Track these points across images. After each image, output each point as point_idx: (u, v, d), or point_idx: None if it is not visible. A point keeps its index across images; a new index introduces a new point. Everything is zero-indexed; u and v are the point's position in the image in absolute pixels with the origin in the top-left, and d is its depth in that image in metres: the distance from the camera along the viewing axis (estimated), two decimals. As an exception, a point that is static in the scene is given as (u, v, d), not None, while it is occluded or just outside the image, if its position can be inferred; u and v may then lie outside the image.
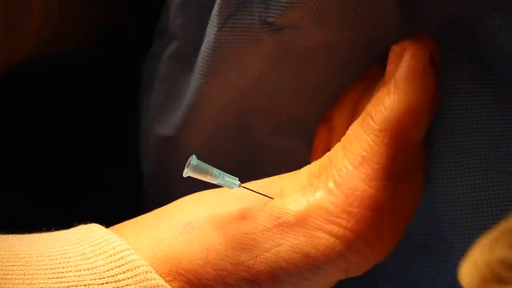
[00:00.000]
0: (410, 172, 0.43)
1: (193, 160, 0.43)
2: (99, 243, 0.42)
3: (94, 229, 0.43)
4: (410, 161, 0.43)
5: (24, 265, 0.39)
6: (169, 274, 0.42)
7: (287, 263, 0.42)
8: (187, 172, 0.42)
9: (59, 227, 0.44)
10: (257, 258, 0.42)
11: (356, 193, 0.42)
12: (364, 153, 0.42)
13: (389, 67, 0.43)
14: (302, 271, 0.42)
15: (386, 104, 0.42)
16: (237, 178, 0.44)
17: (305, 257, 0.42)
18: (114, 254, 0.41)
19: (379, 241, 0.43)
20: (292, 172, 0.46)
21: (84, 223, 0.44)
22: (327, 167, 0.44)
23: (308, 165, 0.45)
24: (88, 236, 0.42)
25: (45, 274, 0.39)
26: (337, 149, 0.44)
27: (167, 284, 0.41)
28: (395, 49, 0.43)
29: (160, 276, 0.41)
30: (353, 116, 0.48)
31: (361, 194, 0.42)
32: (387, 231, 0.43)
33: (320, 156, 0.45)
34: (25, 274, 0.39)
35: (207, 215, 0.43)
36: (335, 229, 0.42)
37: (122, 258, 0.41)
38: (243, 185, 0.44)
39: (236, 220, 0.43)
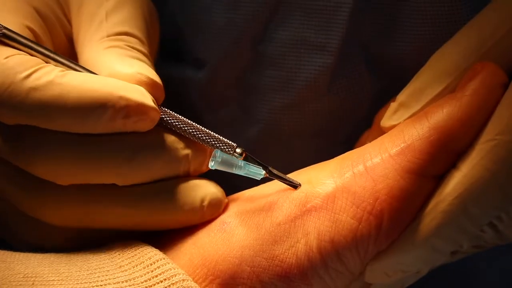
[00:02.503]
0: (434, 179, 0.43)
1: (218, 153, 0.43)
2: (135, 254, 0.43)
3: (130, 241, 0.44)
4: (440, 168, 0.43)
5: (64, 280, 0.40)
6: (206, 278, 0.42)
7: (314, 252, 0.42)
8: (213, 166, 0.43)
9: None
10: (290, 250, 0.42)
11: (386, 181, 0.42)
12: (407, 143, 0.42)
13: (464, 79, 0.43)
14: (327, 260, 0.42)
15: (447, 107, 0.42)
16: (261, 168, 0.44)
17: (329, 244, 0.42)
18: (151, 264, 0.42)
19: (395, 234, 0.42)
20: (320, 163, 0.46)
21: None
22: (359, 153, 0.44)
23: (340, 155, 0.46)
24: (125, 249, 0.43)
25: (84, 287, 0.40)
26: (380, 138, 0.45)
27: None
28: (475, 66, 0.43)
29: (197, 282, 0.42)
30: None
31: (392, 183, 0.42)
32: (403, 226, 0.42)
33: None
34: (65, 289, 0.40)
35: (240, 212, 0.44)
36: (359, 213, 0.42)
37: (158, 267, 0.42)
38: (269, 174, 0.44)
39: (268, 213, 0.43)
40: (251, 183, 0.47)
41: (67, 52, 0.48)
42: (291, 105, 0.54)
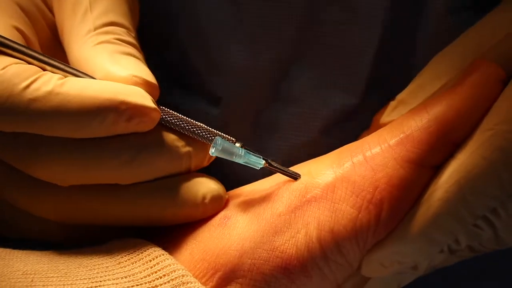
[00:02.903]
0: (432, 169, 0.43)
1: (219, 141, 0.43)
2: (135, 251, 0.43)
3: (129, 238, 0.44)
4: (439, 158, 0.43)
5: (63, 276, 0.40)
6: (206, 273, 0.42)
7: (314, 243, 0.42)
8: (213, 152, 0.43)
9: None
10: (290, 241, 0.42)
11: (386, 170, 0.42)
12: (406, 134, 0.43)
13: (463, 73, 0.44)
14: (326, 251, 0.42)
15: (446, 99, 0.43)
16: (261, 157, 0.44)
17: (329, 234, 0.42)
18: (150, 261, 0.42)
19: (394, 224, 0.42)
20: (319, 156, 0.46)
21: None
22: (358, 144, 0.44)
23: (339, 148, 0.46)
24: (124, 245, 0.43)
25: (83, 283, 0.40)
26: (379, 130, 0.45)
27: (203, 286, 0.41)
28: (475, 61, 0.44)
29: (197, 277, 0.42)
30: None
31: (391, 172, 0.42)
32: (402, 216, 0.42)
33: None
34: (64, 285, 0.40)
35: (240, 206, 0.44)
36: (359, 202, 0.42)
37: (158, 263, 0.42)
38: (268, 165, 0.45)
39: (268, 204, 0.44)
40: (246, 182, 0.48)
41: (51, 44, 0.48)
42: (309, 142, 0.54)
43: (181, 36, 0.54)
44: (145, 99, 0.42)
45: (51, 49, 0.47)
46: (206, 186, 0.45)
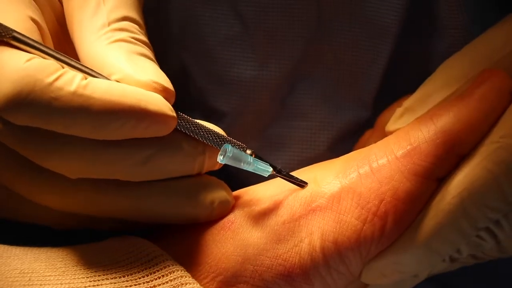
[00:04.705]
0: (437, 181, 0.43)
1: (229, 148, 0.43)
2: (133, 250, 0.42)
3: (128, 237, 0.44)
4: (445, 170, 0.42)
5: (60, 275, 0.40)
6: (207, 275, 0.42)
7: (317, 252, 0.42)
8: (222, 160, 0.43)
9: None
10: (293, 249, 0.42)
11: (392, 183, 0.42)
12: (414, 146, 0.42)
13: (472, 84, 0.43)
14: (329, 261, 0.42)
15: (454, 110, 0.42)
16: (269, 164, 0.44)
17: (333, 244, 0.42)
18: (149, 261, 0.41)
19: (398, 234, 0.42)
20: (325, 161, 0.46)
21: None
22: (365, 154, 0.44)
23: (345, 155, 0.45)
24: (123, 244, 0.43)
25: (81, 282, 0.40)
26: (385, 139, 0.45)
27: None
28: (484, 72, 0.43)
29: (197, 279, 0.42)
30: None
31: (397, 185, 0.42)
32: (405, 227, 0.42)
33: None
34: (62, 284, 0.39)
35: (245, 211, 0.44)
36: (364, 214, 0.42)
37: (157, 264, 0.41)
38: (276, 172, 0.44)
39: (273, 211, 0.43)
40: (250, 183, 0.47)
41: (58, 35, 0.47)
42: (318, 156, 0.54)
43: (183, 53, 0.53)
44: (165, 107, 0.41)
45: (59, 42, 0.46)
46: (216, 191, 0.44)
